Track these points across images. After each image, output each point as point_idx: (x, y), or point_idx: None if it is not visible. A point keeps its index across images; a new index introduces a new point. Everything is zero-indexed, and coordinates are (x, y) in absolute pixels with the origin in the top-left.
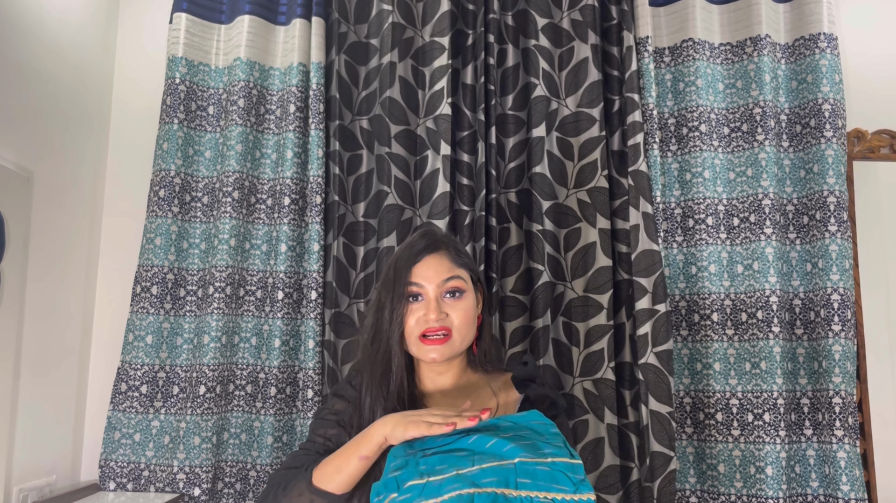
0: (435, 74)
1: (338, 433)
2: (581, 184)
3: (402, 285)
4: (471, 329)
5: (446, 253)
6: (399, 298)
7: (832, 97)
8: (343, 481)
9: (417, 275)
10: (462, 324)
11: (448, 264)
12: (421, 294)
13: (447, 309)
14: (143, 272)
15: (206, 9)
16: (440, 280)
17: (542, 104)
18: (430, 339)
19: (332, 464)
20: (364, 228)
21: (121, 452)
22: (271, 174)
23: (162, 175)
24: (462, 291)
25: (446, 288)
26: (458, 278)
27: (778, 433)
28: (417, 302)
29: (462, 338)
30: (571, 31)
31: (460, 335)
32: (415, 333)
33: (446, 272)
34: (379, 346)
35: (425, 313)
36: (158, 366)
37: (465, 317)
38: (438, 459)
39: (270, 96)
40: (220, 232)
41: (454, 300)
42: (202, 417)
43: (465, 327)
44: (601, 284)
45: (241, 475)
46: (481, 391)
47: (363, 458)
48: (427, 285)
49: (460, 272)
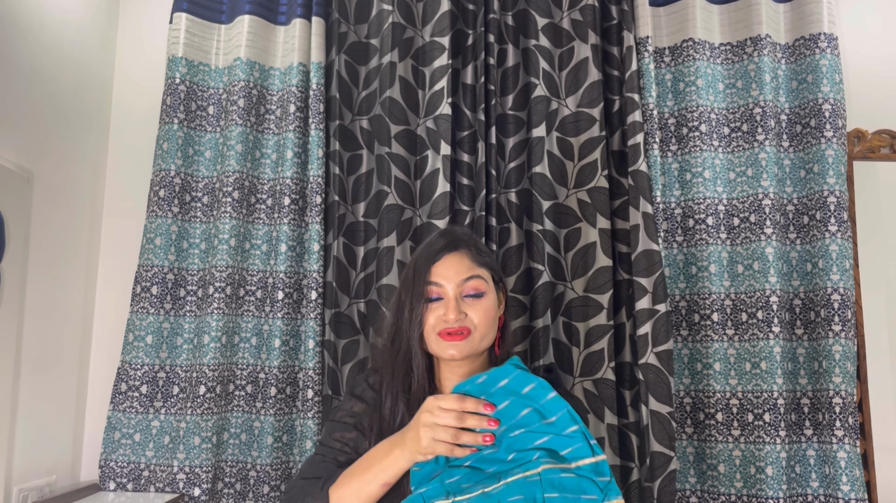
0: (435, 74)
1: (355, 437)
2: (581, 184)
3: (421, 284)
4: (491, 328)
5: (467, 252)
6: (419, 298)
7: (832, 97)
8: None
9: (437, 275)
10: (482, 323)
11: (468, 263)
12: (440, 294)
13: (466, 308)
14: (143, 272)
15: (206, 9)
16: (460, 279)
17: (542, 104)
18: (450, 336)
19: (351, 486)
20: (364, 228)
21: (121, 452)
22: (271, 174)
23: (162, 175)
24: (482, 293)
25: (466, 287)
26: (478, 278)
27: (778, 433)
28: (437, 301)
29: (482, 336)
30: (571, 31)
31: (480, 333)
32: (435, 330)
33: (466, 272)
34: (400, 346)
35: (445, 312)
36: (158, 367)
37: (486, 317)
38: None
39: (270, 96)
40: (220, 232)
41: (474, 300)
42: (202, 417)
43: (485, 326)
44: (601, 284)
45: (241, 475)
46: None
47: (384, 485)
48: (446, 284)
49: (481, 271)
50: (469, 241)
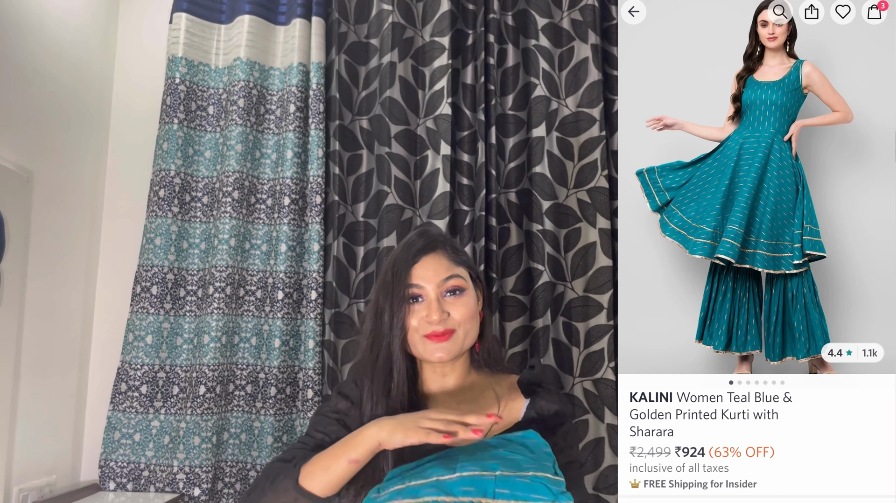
0: (435, 74)
1: (337, 430)
2: (581, 184)
3: (401, 288)
4: (474, 325)
5: (444, 252)
6: (399, 301)
7: None
8: (330, 482)
9: (417, 277)
10: (465, 320)
11: (447, 263)
12: (421, 295)
13: (448, 307)
14: (143, 272)
15: (206, 9)
16: (439, 280)
17: (542, 104)
18: (435, 338)
19: (321, 462)
20: (364, 228)
21: (121, 452)
22: (271, 174)
23: (162, 175)
24: (462, 289)
25: (446, 287)
26: (457, 277)
27: None
28: (418, 303)
29: (466, 333)
30: (571, 31)
31: (464, 330)
32: (419, 333)
33: (445, 271)
34: (379, 351)
35: (427, 314)
36: (158, 366)
37: (468, 313)
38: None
39: (270, 96)
40: (220, 232)
41: (455, 298)
42: (202, 417)
43: (468, 323)
44: (601, 284)
45: (241, 475)
46: (485, 393)
47: (353, 462)
48: (427, 286)
49: (459, 270)
50: (445, 240)
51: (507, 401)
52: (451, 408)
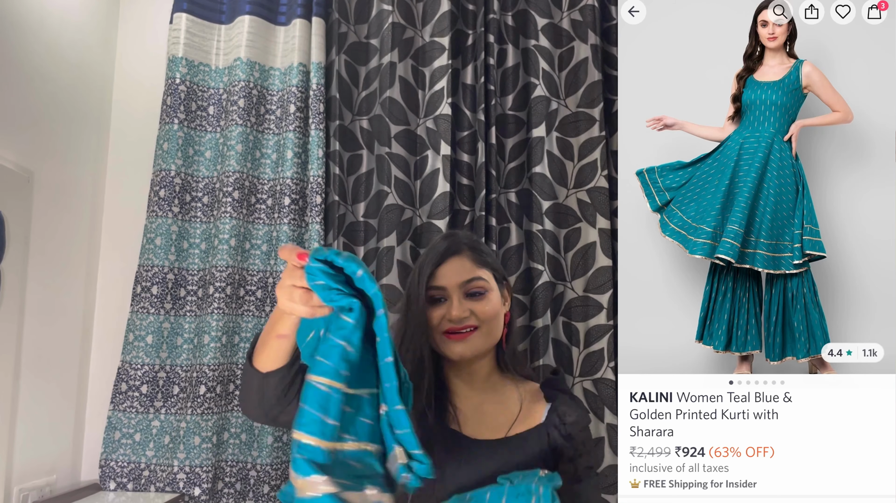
0: (435, 74)
1: None
2: (581, 184)
3: (424, 288)
4: (497, 324)
5: (468, 254)
6: (423, 301)
7: None
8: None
9: (440, 278)
10: (487, 318)
11: (469, 265)
12: (444, 296)
13: (471, 306)
14: (144, 272)
15: (207, 9)
16: (462, 281)
17: (542, 104)
18: (455, 335)
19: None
20: (364, 228)
21: (121, 452)
22: (271, 174)
23: (162, 175)
24: (485, 291)
25: (468, 289)
26: (479, 279)
27: None
28: (441, 304)
29: (489, 330)
30: (571, 31)
31: (487, 327)
32: (440, 330)
33: (467, 273)
34: (407, 350)
35: (448, 311)
36: (159, 366)
37: (491, 312)
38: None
39: (270, 96)
40: (221, 232)
41: (477, 298)
42: (202, 417)
43: (491, 321)
44: (601, 284)
45: (241, 475)
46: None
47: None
48: (448, 287)
49: (482, 272)
50: (470, 243)
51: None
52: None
